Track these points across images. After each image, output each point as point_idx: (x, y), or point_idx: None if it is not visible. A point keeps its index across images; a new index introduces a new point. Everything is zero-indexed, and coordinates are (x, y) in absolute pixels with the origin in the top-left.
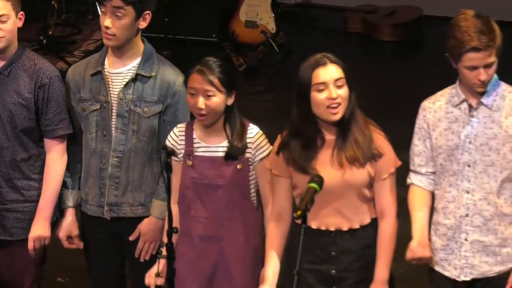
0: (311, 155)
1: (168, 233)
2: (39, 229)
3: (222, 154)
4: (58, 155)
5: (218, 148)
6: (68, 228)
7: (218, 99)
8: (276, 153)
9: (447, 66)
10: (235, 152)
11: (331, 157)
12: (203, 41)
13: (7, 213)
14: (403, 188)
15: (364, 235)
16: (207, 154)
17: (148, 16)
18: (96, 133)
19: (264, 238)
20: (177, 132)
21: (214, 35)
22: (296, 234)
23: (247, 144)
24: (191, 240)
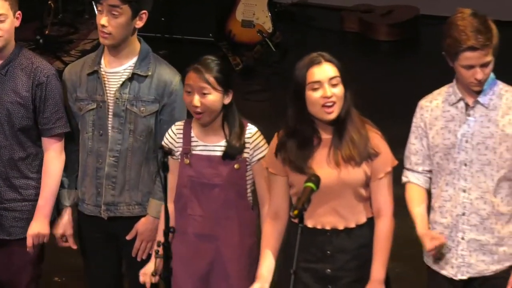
0: (308, 155)
1: (164, 232)
2: (38, 226)
3: (219, 153)
4: (56, 154)
5: (216, 147)
6: (63, 227)
7: (213, 97)
8: (275, 154)
9: (444, 66)
10: (233, 152)
11: (327, 156)
12: (200, 40)
13: (5, 212)
14: (400, 187)
15: (360, 234)
16: (204, 153)
17: (144, 15)
18: (92, 132)
19: (260, 238)
20: (175, 130)
21: (210, 34)
22: (292, 233)
23: (245, 144)
24: (186, 238)
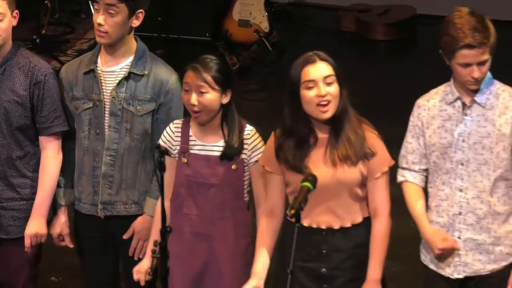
0: (304, 154)
1: (161, 232)
2: (36, 226)
3: (217, 153)
4: (53, 153)
5: (214, 147)
6: (60, 226)
7: (211, 96)
8: (276, 155)
9: (440, 65)
10: (231, 152)
11: (324, 155)
12: (197, 40)
13: (2, 211)
14: (396, 187)
15: (355, 234)
16: (202, 153)
17: (141, 14)
18: (89, 131)
19: (255, 239)
20: (173, 128)
21: (207, 34)
22: (287, 232)
23: (243, 145)
24: (181, 237)
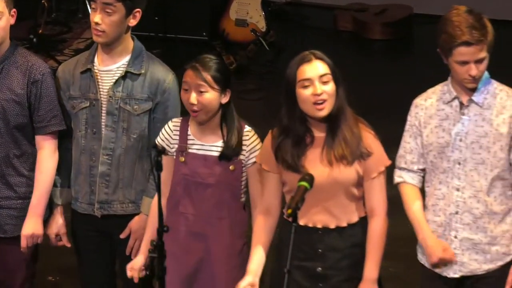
0: (301, 153)
1: (158, 231)
2: (32, 226)
3: (215, 154)
4: (50, 152)
5: (212, 147)
6: (57, 226)
7: (210, 96)
8: (275, 155)
9: (437, 65)
10: (229, 153)
11: (321, 154)
12: (193, 39)
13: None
14: (393, 186)
15: (351, 233)
16: (200, 152)
17: (138, 14)
18: (85, 131)
19: (250, 239)
20: (171, 127)
21: (204, 33)
22: (283, 231)
23: (242, 146)
24: (176, 235)
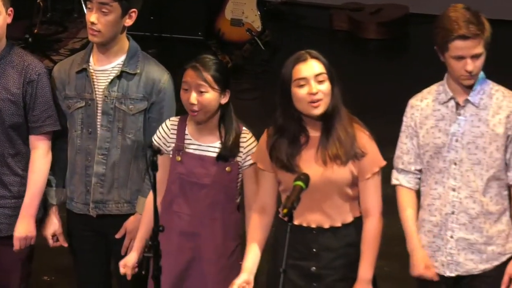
0: (295, 153)
1: (153, 231)
2: (25, 228)
3: (212, 154)
4: (43, 152)
5: (209, 147)
6: (53, 227)
7: (210, 96)
8: (269, 154)
9: (433, 65)
10: (227, 154)
11: (315, 154)
12: (189, 39)
13: None
14: (388, 186)
15: (346, 233)
16: (197, 152)
17: (134, 13)
18: (81, 130)
19: (243, 241)
20: (169, 125)
21: (199, 33)
22: (279, 230)
23: (239, 148)
24: (169, 235)
